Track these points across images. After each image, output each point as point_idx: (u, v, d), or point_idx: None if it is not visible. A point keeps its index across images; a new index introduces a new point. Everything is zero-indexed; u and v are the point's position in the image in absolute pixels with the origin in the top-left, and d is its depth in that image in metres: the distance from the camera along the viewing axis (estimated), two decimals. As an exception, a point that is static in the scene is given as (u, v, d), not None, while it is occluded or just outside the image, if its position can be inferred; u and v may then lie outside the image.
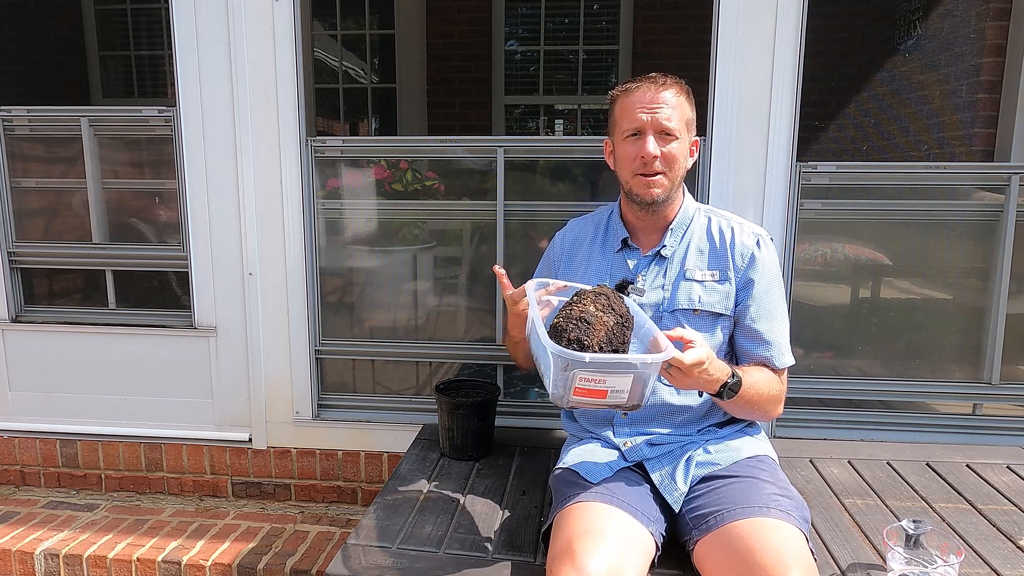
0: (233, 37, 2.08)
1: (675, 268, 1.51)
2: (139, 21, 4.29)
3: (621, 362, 1.21)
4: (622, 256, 1.56)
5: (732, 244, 1.50)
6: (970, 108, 2.84)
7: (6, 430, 2.43)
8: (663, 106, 1.44)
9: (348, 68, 4.82)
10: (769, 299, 1.49)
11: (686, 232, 1.53)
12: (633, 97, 1.46)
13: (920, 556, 1.23)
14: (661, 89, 1.45)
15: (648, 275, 1.52)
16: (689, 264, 1.51)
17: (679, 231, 1.53)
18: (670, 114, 1.44)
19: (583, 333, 1.24)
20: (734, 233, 1.52)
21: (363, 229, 2.27)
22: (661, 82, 1.46)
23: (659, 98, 1.44)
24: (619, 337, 1.27)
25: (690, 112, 1.50)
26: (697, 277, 1.49)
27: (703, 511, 1.33)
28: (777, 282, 1.51)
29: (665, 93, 1.45)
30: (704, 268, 1.50)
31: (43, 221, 2.38)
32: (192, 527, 2.17)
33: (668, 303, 1.49)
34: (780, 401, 1.49)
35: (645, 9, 4.52)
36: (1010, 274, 2.03)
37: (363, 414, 2.31)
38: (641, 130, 1.45)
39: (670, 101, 1.45)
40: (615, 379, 1.21)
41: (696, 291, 1.48)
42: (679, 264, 1.51)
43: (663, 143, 1.45)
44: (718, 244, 1.51)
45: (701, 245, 1.52)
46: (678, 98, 1.46)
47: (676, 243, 1.53)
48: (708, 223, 1.54)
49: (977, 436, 2.09)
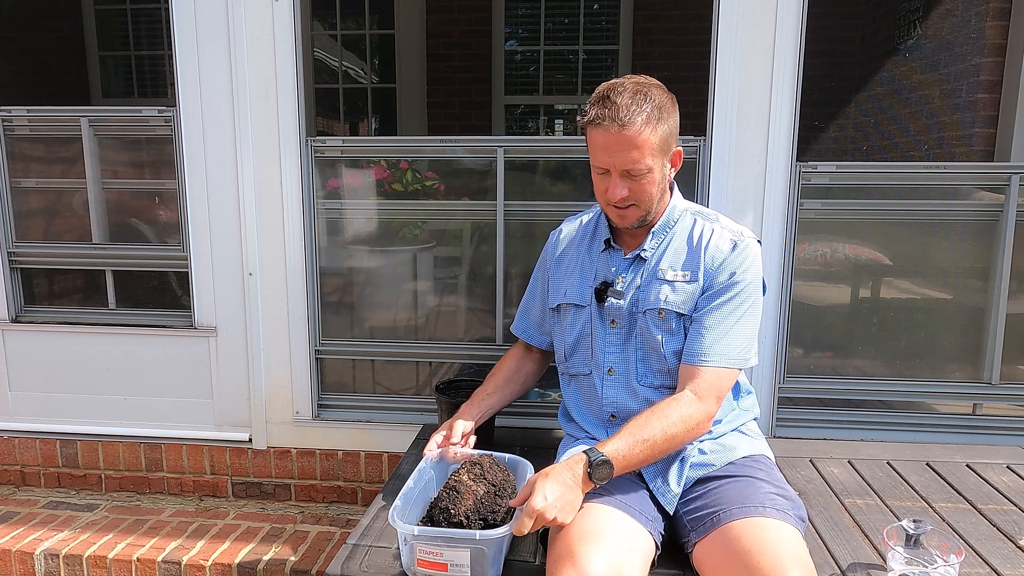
0: (233, 37, 2.08)
1: (650, 269, 1.49)
2: (139, 21, 4.29)
3: (452, 536, 1.23)
4: (605, 257, 1.55)
5: (707, 245, 1.46)
6: (970, 108, 2.84)
7: (6, 430, 2.44)
8: (627, 150, 1.34)
9: (348, 68, 4.82)
10: (724, 303, 1.42)
11: (668, 233, 1.51)
12: (597, 135, 1.36)
13: (920, 556, 1.23)
14: (624, 130, 1.32)
15: (627, 277, 1.50)
16: (664, 264, 1.48)
17: (661, 234, 1.50)
18: (636, 156, 1.34)
19: (451, 502, 1.30)
20: (712, 234, 1.47)
21: (363, 229, 2.27)
22: (624, 119, 1.32)
23: (623, 141, 1.33)
24: (488, 507, 1.30)
25: (664, 134, 1.37)
26: (668, 277, 1.46)
27: (700, 512, 1.34)
28: (743, 289, 1.42)
29: (628, 134, 1.33)
30: (677, 268, 1.46)
31: (43, 221, 2.39)
32: (192, 527, 2.17)
33: (640, 303, 1.47)
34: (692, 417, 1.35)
35: (645, 9, 4.52)
36: (1010, 274, 2.03)
37: (363, 414, 2.31)
38: (607, 170, 1.39)
39: (635, 141, 1.33)
40: (452, 553, 1.22)
41: (665, 291, 1.45)
42: (655, 264, 1.49)
43: (631, 181, 1.38)
44: (695, 244, 1.47)
45: (679, 246, 1.49)
46: (644, 132, 1.33)
47: (656, 245, 1.50)
48: (692, 224, 1.50)
49: (977, 436, 2.09)
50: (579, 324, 1.55)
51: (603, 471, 1.26)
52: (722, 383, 1.40)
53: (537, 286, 1.73)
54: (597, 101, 1.37)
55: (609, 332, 1.51)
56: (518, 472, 1.46)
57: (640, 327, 1.47)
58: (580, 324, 1.55)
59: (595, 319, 1.52)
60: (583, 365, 1.56)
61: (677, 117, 1.42)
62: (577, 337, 1.56)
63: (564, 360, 1.61)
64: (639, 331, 1.48)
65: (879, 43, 3.92)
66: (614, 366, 1.51)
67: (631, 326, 1.49)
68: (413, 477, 1.42)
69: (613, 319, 1.50)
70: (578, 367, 1.57)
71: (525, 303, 1.78)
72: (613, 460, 1.27)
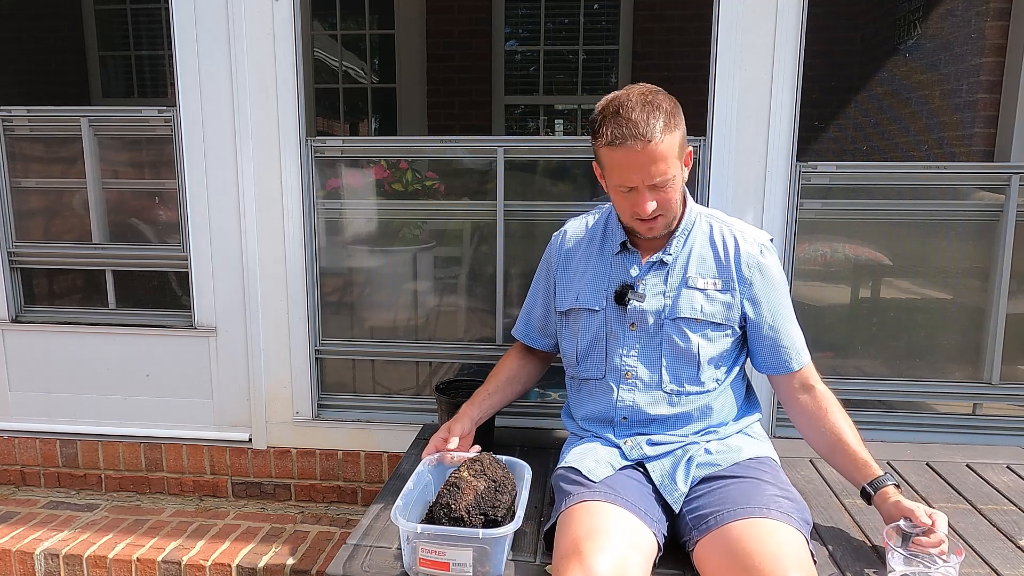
0: (233, 37, 2.08)
1: (677, 275, 1.48)
2: (139, 21, 4.29)
3: (455, 535, 1.23)
4: (621, 260, 1.53)
5: (737, 254, 1.48)
6: (970, 108, 2.84)
7: (6, 430, 2.44)
8: (654, 163, 1.33)
9: (348, 68, 4.82)
10: (779, 305, 1.50)
11: (688, 238, 1.51)
12: (618, 154, 1.34)
13: (920, 556, 1.23)
14: (649, 145, 1.31)
15: (648, 281, 1.49)
16: (691, 271, 1.48)
17: (681, 237, 1.50)
18: (663, 167, 1.34)
19: (451, 498, 1.31)
20: (737, 242, 1.49)
21: (363, 229, 2.27)
22: (647, 135, 1.31)
23: (648, 155, 1.32)
24: (489, 502, 1.31)
25: (680, 139, 1.38)
26: (700, 285, 1.46)
27: (703, 511, 1.33)
28: (782, 285, 1.51)
29: (653, 148, 1.31)
30: (707, 276, 1.47)
31: (43, 221, 2.39)
32: (192, 527, 2.17)
33: (670, 310, 1.46)
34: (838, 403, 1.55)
35: (645, 9, 4.51)
36: (1010, 274, 2.03)
37: (363, 414, 2.31)
38: (635, 187, 1.37)
39: (659, 153, 1.32)
40: (455, 552, 1.23)
41: (699, 299, 1.46)
42: (681, 271, 1.48)
43: (658, 192, 1.38)
44: (722, 254, 1.48)
45: (704, 252, 1.49)
46: (665, 141, 1.33)
47: (679, 249, 1.50)
48: (710, 230, 1.51)
49: (977, 436, 2.09)
50: (593, 328, 1.53)
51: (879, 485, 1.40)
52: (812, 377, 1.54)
53: (540, 289, 1.71)
54: (609, 120, 1.35)
55: (628, 336, 1.49)
56: (515, 474, 1.46)
57: (668, 333, 1.46)
58: (594, 328, 1.52)
59: (612, 323, 1.50)
60: (596, 369, 1.53)
61: (683, 118, 1.43)
62: (591, 341, 1.53)
63: (575, 364, 1.58)
64: (666, 337, 1.47)
65: (879, 43, 3.92)
66: (631, 370, 1.49)
67: (657, 331, 1.47)
68: (412, 479, 1.42)
69: (633, 322, 1.49)
70: (591, 371, 1.55)
71: (527, 306, 1.75)
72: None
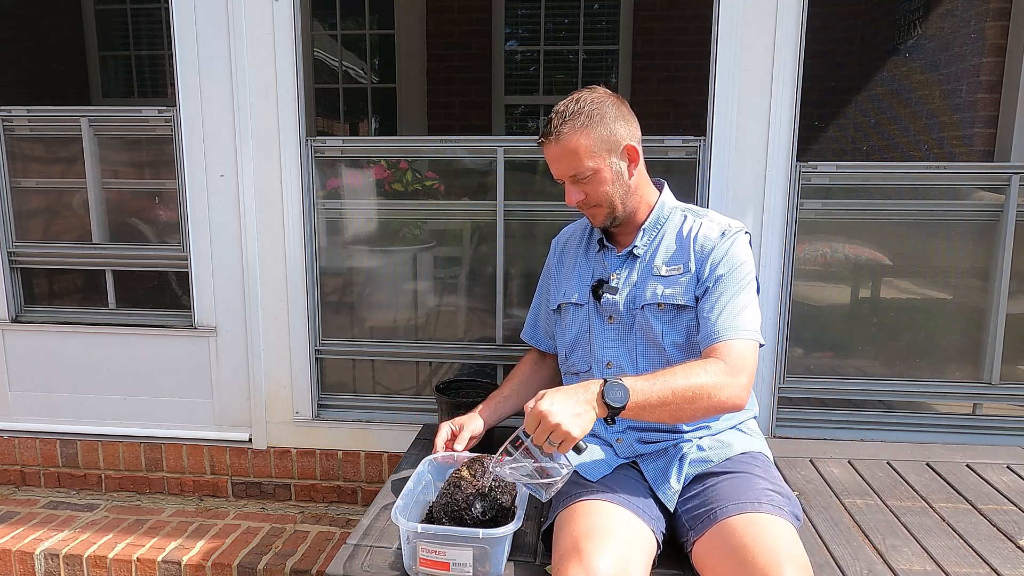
0: (233, 37, 2.08)
1: (645, 266, 1.52)
2: (139, 21, 4.29)
3: (455, 535, 1.23)
4: (601, 256, 1.59)
5: (695, 237, 1.49)
6: (970, 108, 2.84)
7: (6, 430, 2.44)
8: (559, 161, 1.46)
9: (348, 68, 4.82)
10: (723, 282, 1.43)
11: (660, 230, 1.54)
12: (544, 151, 1.48)
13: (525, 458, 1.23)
14: (552, 144, 1.44)
15: (621, 274, 1.54)
16: (657, 261, 1.51)
17: (651, 231, 1.54)
18: (574, 162, 1.44)
19: (452, 497, 1.32)
20: (701, 227, 1.50)
21: (363, 229, 2.27)
22: (553, 131, 1.44)
23: (554, 154, 1.46)
24: (489, 502, 1.32)
25: (599, 136, 1.43)
26: (662, 272, 1.49)
27: (698, 510, 1.34)
28: (737, 269, 1.44)
29: (563, 144, 1.43)
30: (671, 264, 1.50)
31: (43, 221, 2.39)
32: (192, 527, 2.17)
33: (637, 300, 1.50)
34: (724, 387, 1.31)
35: (645, 9, 4.51)
36: (1010, 274, 2.03)
37: (363, 414, 2.31)
38: (562, 180, 1.49)
39: (568, 148, 1.43)
40: (455, 552, 1.23)
41: (660, 286, 1.49)
42: (649, 261, 1.52)
43: (582, 184, 1.47)
44: (686, 240, 1.51)
45: (670, 242, 1.52)
46: (574, 139, 1.42)
47: (648, 242, 1.54)
48: (683, 221, 1.54)
49: (977, 436, 2.09)
50: (578, 322, 1.58)
51: (617, 392, 1.24)
52: (747, 357, 1.36)
53: (543, 292, 1.77)
54: (546, 122, 1.47)
55: (607, 328, 1.54)
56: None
57: (639, 322, 1.50)
58: (579, 322, 1.58)
59: (592, 316, 1.56)
60: (583, 362, 1.58)
61: (620, 116, 1.46)
62: (576, 335, 1.59)
63: (565, 359, 1.64)
64: (638, 326, 1.50)
65: (879, 43, 3.91)
66: (613, 360, 1.53)
67: (630, 322, 1.51)
68: (412, 479, 1.43)
69: (611, 315, 1.53)
70: (578, 364, 1.59)
71: (533, 309, 1.81)
72: (630, 389, 1.25)
